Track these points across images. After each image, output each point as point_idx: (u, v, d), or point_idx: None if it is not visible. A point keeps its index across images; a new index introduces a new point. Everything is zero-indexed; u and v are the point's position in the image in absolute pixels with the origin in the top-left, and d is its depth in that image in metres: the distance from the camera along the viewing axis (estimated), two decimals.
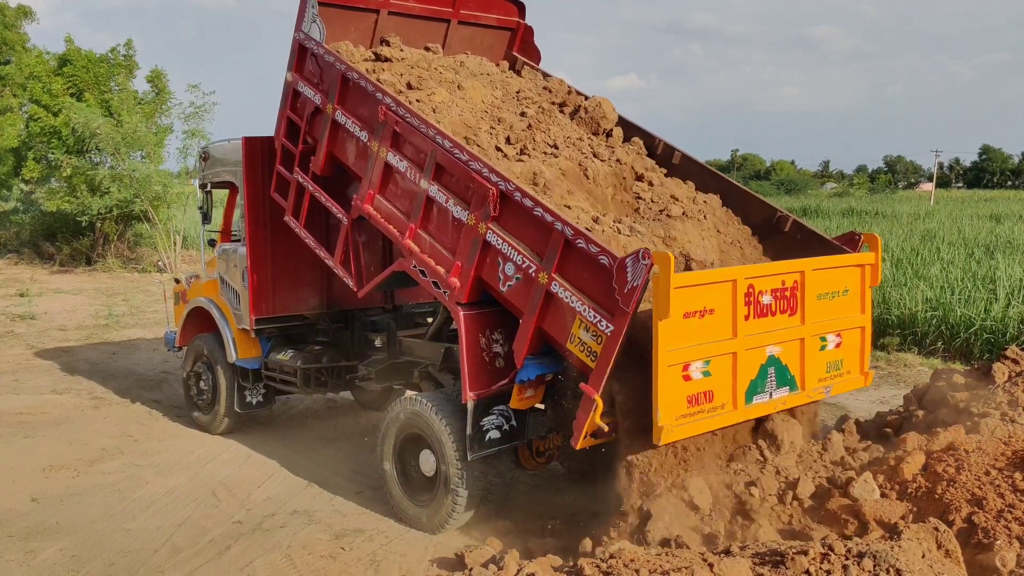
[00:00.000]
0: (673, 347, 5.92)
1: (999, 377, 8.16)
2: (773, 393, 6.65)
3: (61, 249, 27.82)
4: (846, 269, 7.30)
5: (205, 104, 25.57)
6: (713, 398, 6.25)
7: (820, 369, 7.04)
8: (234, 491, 8.47)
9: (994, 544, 5.66)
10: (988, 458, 6.60)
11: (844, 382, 7.31)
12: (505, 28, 9.82)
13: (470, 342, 7.00)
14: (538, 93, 9.15)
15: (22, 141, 28.60)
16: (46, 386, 12.73)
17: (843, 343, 7.22)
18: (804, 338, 6.84)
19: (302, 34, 8.59)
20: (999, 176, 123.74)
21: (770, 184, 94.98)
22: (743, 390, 6.41)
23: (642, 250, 5.77)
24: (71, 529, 7.63)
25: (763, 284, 6.54)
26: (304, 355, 9.60)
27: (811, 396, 7.00)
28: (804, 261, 6.95)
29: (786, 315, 6.72)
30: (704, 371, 6.16)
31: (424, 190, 7.36)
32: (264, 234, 9.53)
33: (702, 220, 7.78)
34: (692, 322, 6.06)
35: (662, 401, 5.88)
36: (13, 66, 31.92)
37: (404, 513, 7.61)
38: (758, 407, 6.59)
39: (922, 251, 20.90)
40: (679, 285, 5.83)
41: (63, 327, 17.64)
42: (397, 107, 7.56)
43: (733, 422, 6.52)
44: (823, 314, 7.00)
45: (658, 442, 5.94)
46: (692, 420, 6.14)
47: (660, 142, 8.80)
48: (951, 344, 14.08)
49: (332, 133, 8.34)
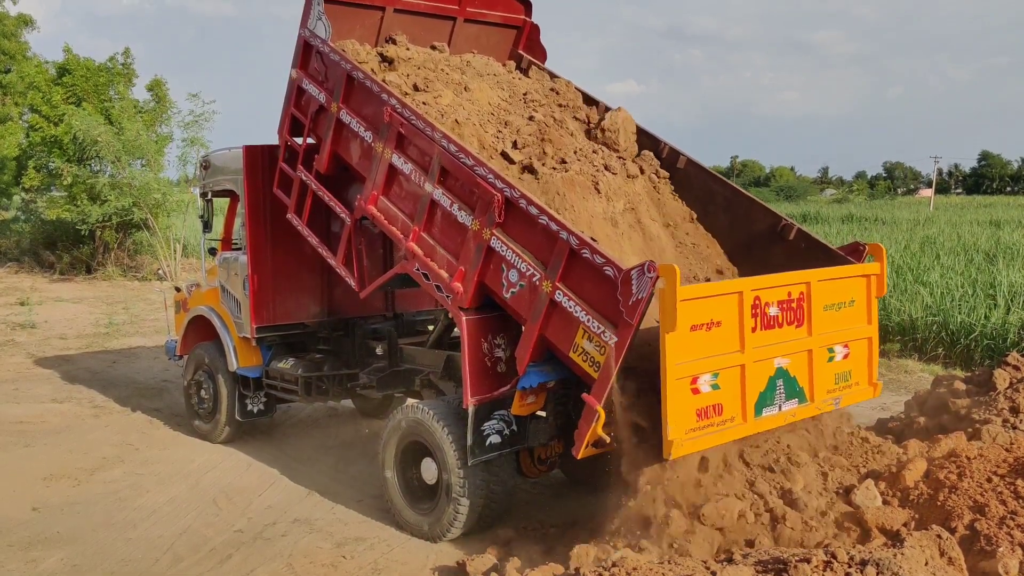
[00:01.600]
0: (681, 360, 5.87)
1: (1000, 383, 8.17)
2: (782, 406, 6.59)
3: (61, 257, 27.82)
4: (852, 280, 7.26)
5: (205, 112, 25.57)
6: (723, 411, 6.18)
7: (829, 381, 6.99)
8: (235, 500, 8.46)
9: (997, 551, 5.66)
10: (990, 465, 6.60)
11: (853, 393, 7.24)
12: (511, 26, 9.75)
13: (472, 347, 7.00)
14: (545, 95, 9.13)
15: (23, 150, 28.63)
16: (47, 395, 12.71)
17: (851, 354, 7.17)
18: (812, 349, 6.79)
19: (307, 31, 8.54)
20: (998, 182, 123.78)
21: (770, 190, 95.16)
22: (752, 403, 6.35)
23: (648, 263, 5.76)
24: (72, 538, 7.62)
25: (770, 296, 6.50)
26: (305, 363, 9.59)
27: (820, 408, 6.94)
28: (810, 272, 6.92)
29: (793, 326, 6.68)
30: (713, 384, 6.11)
31: (428, 193, 7.34)
32: (265, 242, 9.53)
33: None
34: (699, 335, 6.02)
35: (671, 415, 5.83)
36: (14, 75, 31.98)
37: (405, 521, 7.59)
38: (768, 420, 6.52)
39: (922, 257, 20.91)
40: (685, 298, 5.79)
41: (63, 336, 17.63)
42: (402, 109, 7.53)
43: (743, 435, 6.45)
44: (830, 325, 6.97)
45: (668, 456, 5.88)
46: (702, 434, 6.07)
47: (665, 146, 8.75)
48: (952, 350, 14.08)
49: (336, 132, 8.31)
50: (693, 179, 8.61)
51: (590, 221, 7.54)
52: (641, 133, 8.91)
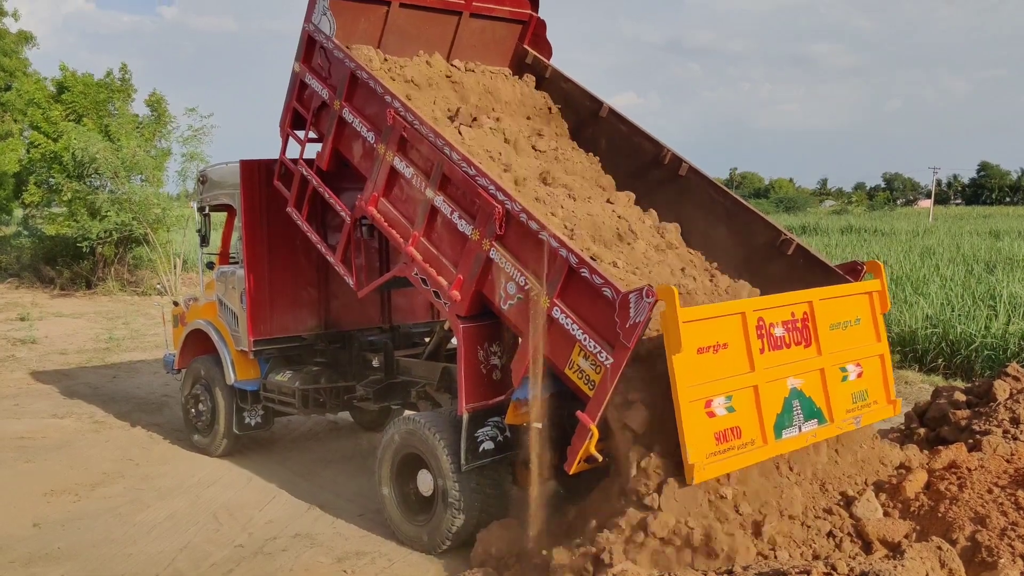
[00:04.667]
0: (691, 383, 5.83)
1: (1000, 394, 8.15)
2: (802, 427, 6.51)
3: (61, 273, 27.82)
4: (854, 298, 7.26)
5: (204, 127, 25.60)
6: (741, 434, 6.11)
7: (846, 400, 6.93)
8: (236, 514, 8.45)
9: (998, 563, 5.65)
10: (991, 476, 6.59)
11: (872, 412, 7.18)
12: (517, 21, 9.66)
13: (468, 354, 7.01)
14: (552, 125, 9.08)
15: (23, 166, 28.68)
16: (47, 410, 12.70)
17: (864, 373, 7.13)
18: (824, 368, 6.74)
19: (311, 26, 8.46)
20: (998, 192, 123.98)
21: (769, 202, 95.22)
22: (771, 425, 6.28)
23: (646, 287, 5.75)
24: (72, 554, 7.60)
25: (773, 316, 6.47)
26: (302, 376, 9.60)
27: (841, 428, 6.85)
28: (811, 292, 6.91)
29: (801, 347, 6.64)
30: (727, 407, 6.05)
31: (429, 199, 7.33)
32: (262, 256, 9.55)
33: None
34: (707, 357, 5.99)
35: (689, 439, 5.77)
36: (14, 92, 32.07)
37: (404, 535, 7.58)
38: (788, 441, 6.42)
39: (922, 268, 20.92)
40: (687, 319, 5.78)
41: (64, 351, 17.62)
42: (405, 112, 7.49)
43: (764, 458, 6.33)
44: (839, 344, 6.93)
45: (691, 481, 5.78)
46: (723, 457, 5.99)
47: (668, 152, 8.68)
48: (952, 361, 14.08)
49: (339, 130, 8.29)
50: (694, 187, 8.55)
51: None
52: (644, 137, 8.87)
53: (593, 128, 9.22)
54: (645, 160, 8.85)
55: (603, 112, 9.15)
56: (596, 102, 9.22)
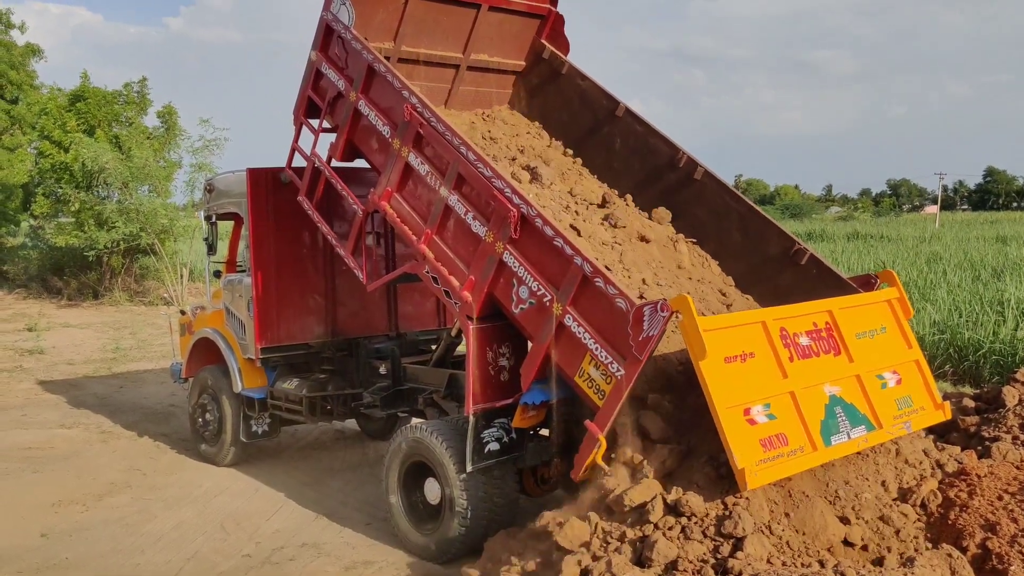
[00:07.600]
0: (724, 390, 5.76)
1: (1009, 400, 8.10)
2: (850, 433, 6.39)
3: (69, 283, 27.94)
4: (874, 307, 7.22)
5: (217, 139, 25.53)
6: (788, 441, 6.00)
7: (891, 407, 6.83)
8: (243, 524, 8.44)
9: (1008, 570, 5.61)
10: (1000, 483, 6.54)
11: (921, 417, 7.08)
12: (535, 15, 9.58)
13: (478, 355, 7.00)
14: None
15: (31, 177, 28.78)
16: (54, 420, 12.72)
17: (903, 380, 7.06)
18: (859, 375, 6.66)
19: (330, 14, 8.39)
20: (1004, 198, 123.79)
21: (774, 209, 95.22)
22: (817, 431, 6.16)
23: (660, 301, 5.73)
24: (80, 564, 7.60)
25: (795, 326, 6.41)
26: (309, 383, 9.60)
27: (892, 433, 6.73)
28: (830, 301, 6.88)
29: (831, 355, 6.58)
30: (767, 414, 5.96)
31: (444, 198, 7.29)
32: (269, 264, 9.56)
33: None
34: (736, 366, 5.93)
35: (733, 444, 5.68)
36: (22, 105, 32.21)
37: (413, 544, 7.56)
38: (839, 448, 6.29)
39: (929, 274, 20.86)
40: (708, 328, 5.73)
41: (71, 361, 17.67)
42: (423, 108, 7.44)
43: (817, 463, 6.21)
44: (869, 352, 6.87)
45: (745, 487, 5.66)
46: (775, 464, 5.86)
47: (684, 155, 8.64)
48: (960, 367, 14.00)
49: (354, 121, 8.24)
50: (709, 191, 8.51)
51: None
52: (659, 138, 8.84)
53: (609, 127, 9.19)
54: (660, 162, 8.84)
55: (619, 112, 9.11)
56: (613, 101, 9.17)
